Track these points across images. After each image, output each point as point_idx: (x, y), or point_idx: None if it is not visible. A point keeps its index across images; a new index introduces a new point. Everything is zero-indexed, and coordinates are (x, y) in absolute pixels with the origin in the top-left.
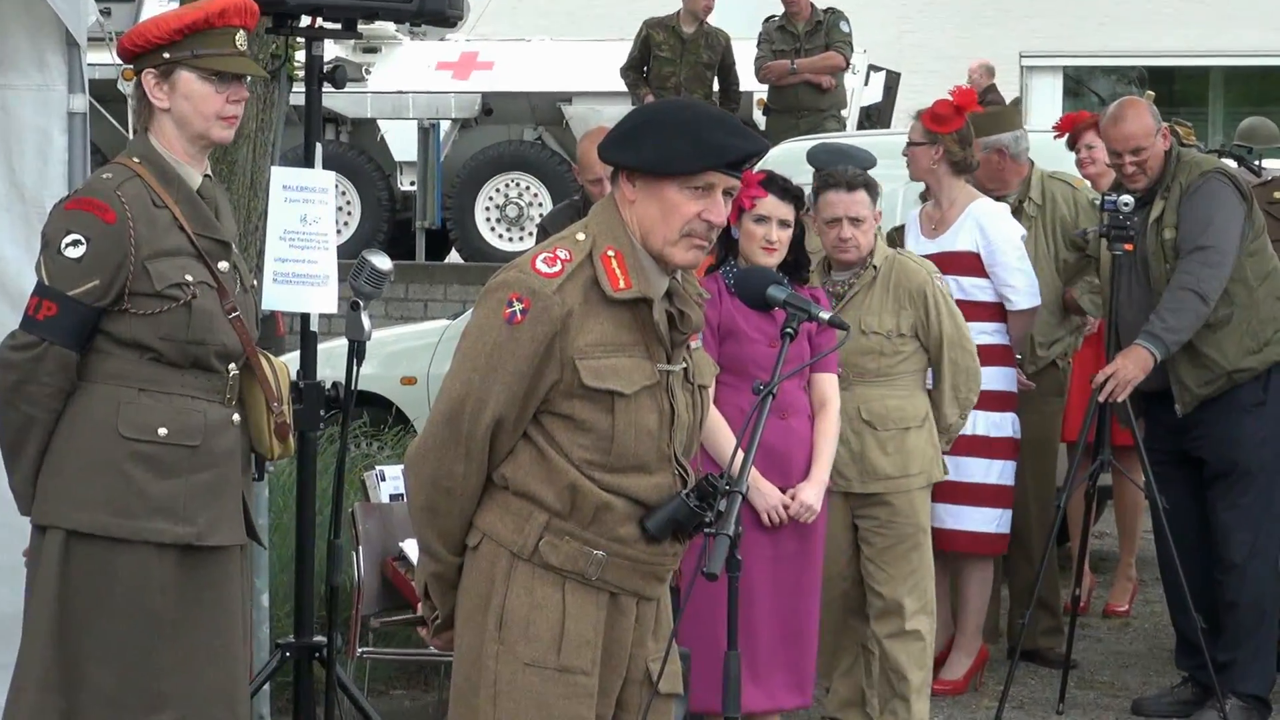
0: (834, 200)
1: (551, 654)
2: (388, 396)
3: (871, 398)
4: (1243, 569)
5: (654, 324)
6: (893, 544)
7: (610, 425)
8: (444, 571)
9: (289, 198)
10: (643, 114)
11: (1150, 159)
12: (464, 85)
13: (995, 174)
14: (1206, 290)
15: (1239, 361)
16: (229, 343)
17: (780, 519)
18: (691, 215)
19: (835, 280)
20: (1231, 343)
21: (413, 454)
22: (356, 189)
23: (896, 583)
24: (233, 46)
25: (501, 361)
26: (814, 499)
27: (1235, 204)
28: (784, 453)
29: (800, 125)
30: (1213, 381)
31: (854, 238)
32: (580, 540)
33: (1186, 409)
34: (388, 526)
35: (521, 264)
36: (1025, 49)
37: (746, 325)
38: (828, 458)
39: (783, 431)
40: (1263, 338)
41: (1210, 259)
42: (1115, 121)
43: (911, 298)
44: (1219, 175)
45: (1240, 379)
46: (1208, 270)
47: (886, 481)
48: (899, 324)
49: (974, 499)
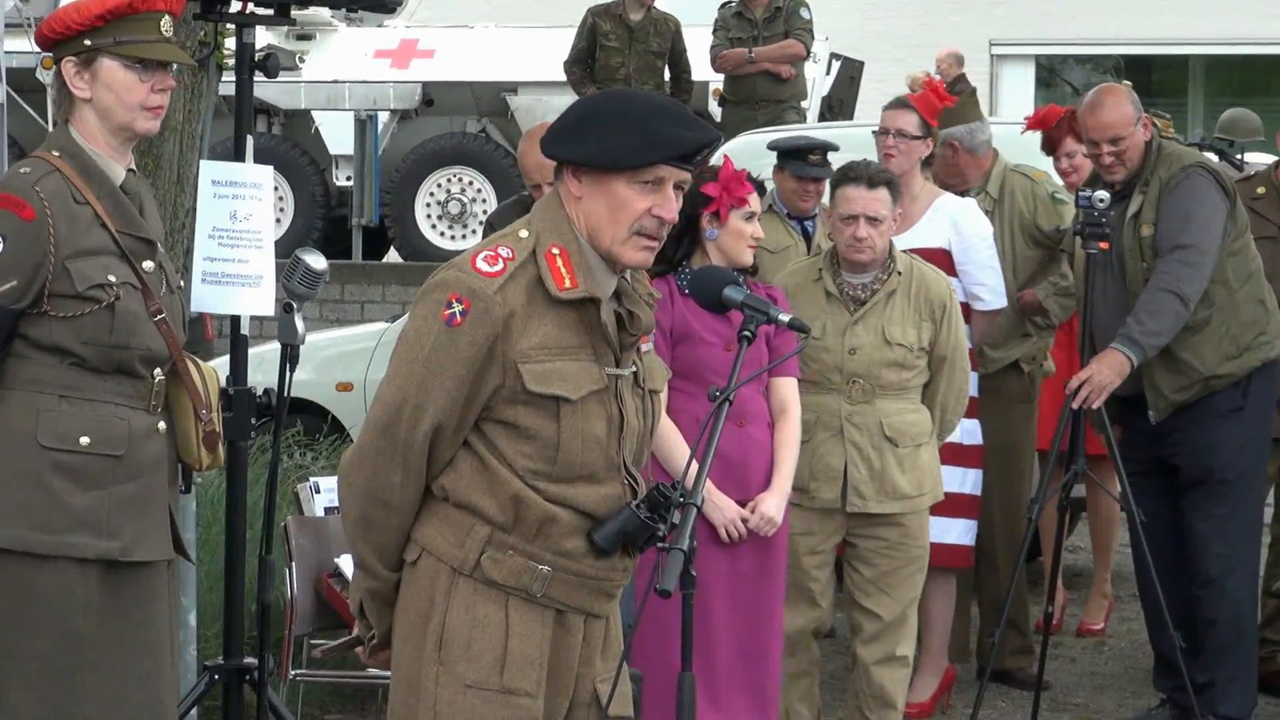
0: (852, 196)
1: (494, 675)
2: (323, 404)
3: (891, 412)
4: (1220, 584)
5: (601, 325)
6: (900, 566)
7: (556, 433)
8: (380, 588)
9: (218, 193)
10: (588, 105)
11: (1129, 149)
12: (403, 74)
13: (950, 168)
14: (1186, 292)
15: (1217, 367)
16: (154, 347)
17: (739, 534)
18: (641, 211)
19: (853, 283)
20: (1209, 347)
21: (346, 464)
22: (290, 184)
23: (897, 607)
24: (158, 33)
25: (440, 366)
26: (775, 511)
27: (1217, 200)
28: (741, 462)
29: (758, 117)
30: (1188, 388)
31: (870, 238)
32: (524, 554)
33: (1160, 415)
34: (322, 541)
35: (461, 263)
36: (995, 36)
37: (701, 328)
38: (790, 467)
39: (740, 440)
40: (1242, 342)
41: (1190, 259)
42: (1092, 109)
43: (932, 311)
44: (1201, 170)
45: (1217, 385)
46: (1188, 271)
47: (904, 501)
48: (920, 337)
49: (948, 509)
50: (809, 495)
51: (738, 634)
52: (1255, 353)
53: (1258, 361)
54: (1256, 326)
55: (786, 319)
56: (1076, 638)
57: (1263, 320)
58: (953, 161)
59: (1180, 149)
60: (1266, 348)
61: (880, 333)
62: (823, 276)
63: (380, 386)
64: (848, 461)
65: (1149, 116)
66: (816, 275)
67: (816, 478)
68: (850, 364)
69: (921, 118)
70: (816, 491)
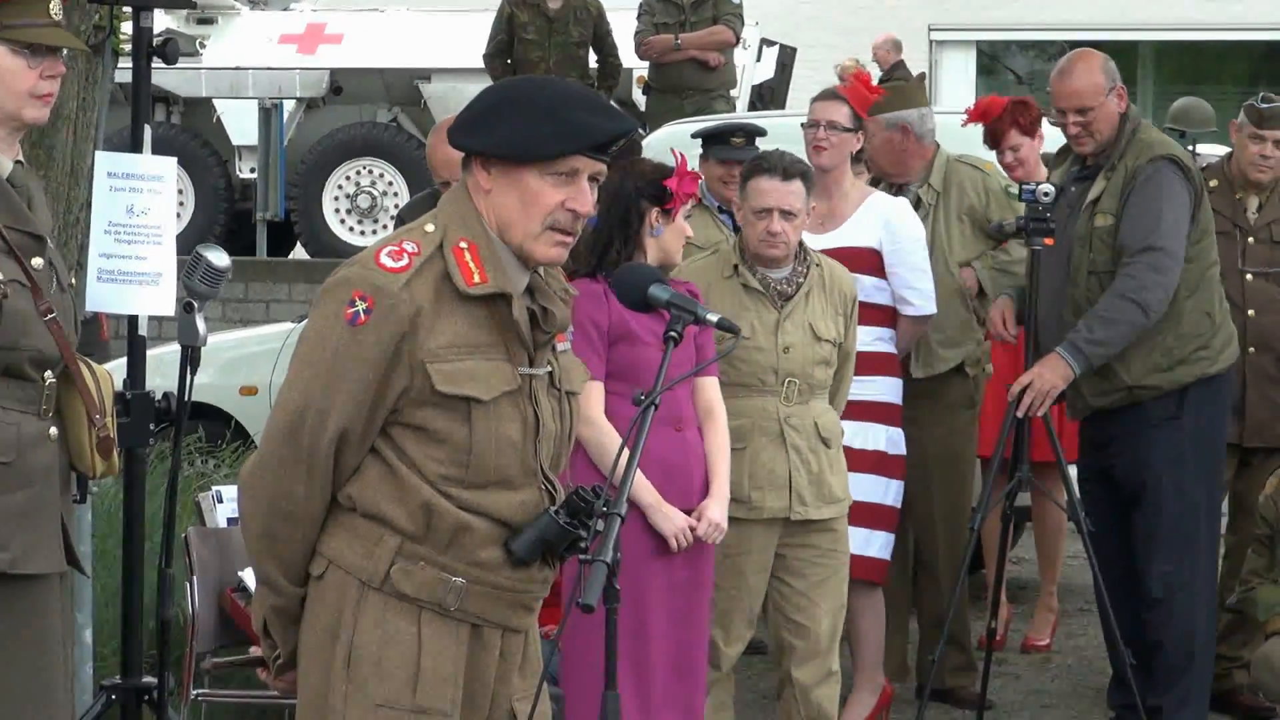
0: (766, 188)
1: (406, 693)
2: (225, 409)
3: (821, 412)
4: (1167, 605)
5: (514, 322)
6: (830, 575)
7: (468, 436)
8: (285, 604)
9: (115, 186)
10: (497, 93)
11: (1098, 121)
12: (310, 61)
13: (896, 156)
14: (1150, 301)
15: (1142, 378)
16: (44, 348)
17: (687, 542)
18: (554, 205)
19: (775, 278)
20: (1138, 355)
21: (247, 474)
22: (190, 176)
23: (827, 618)
24: (47, 16)
25: (344, 368)
26: (720, 517)
27: (1186, 198)
28: (682, 468)
29: (685, 106)
30: (1109, 394)
31: (784, 232)
32: (437, 566)
33: (1077, 415)
34: (225, 554)
35: (364, 259)
36: (934, 21)
37: (639, 328)
38: (726, 469)
39: (679, 445)
40: (1177, 355)
41: (1160, 263)
42: (1061, 75)
43: (845, 305)
44: (1172, 163)
45: (1143, 395)
46: (1154, 278)
47: (838, 505)
48: (839, 332)
49: (870, 521)
50: (751, 506)
51: (672, 646)
52: (1190, 367)
53: (1190, 377)
54: (1198, 340)
55: (715, 319)
56: (1021, 654)
57: (1206, 334)
58: (900, 147)
59: (1155, 136)
60: (1204, 363)
61: (809, 329)
62: (739, 272)
63: (281, 391)
64: (791, 467)
65: (1124, 86)
66: (730, 271)
67: (760, 486)
68: (785, 363)
69: (853, 109)
70: (761, 501)
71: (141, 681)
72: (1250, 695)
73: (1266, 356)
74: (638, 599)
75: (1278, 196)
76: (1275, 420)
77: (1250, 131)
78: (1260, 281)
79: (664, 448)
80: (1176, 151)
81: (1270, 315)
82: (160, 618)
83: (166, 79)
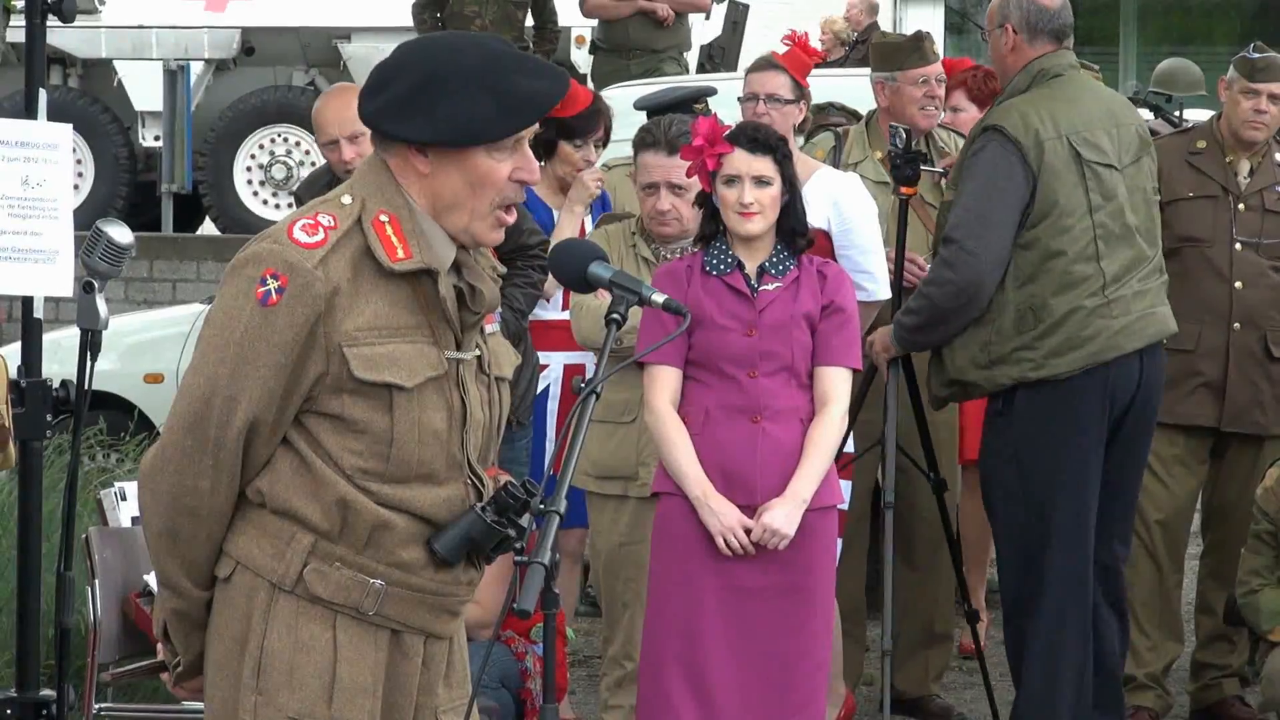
0: (651, 163)
1: (321, 705)
2: (129, 397)
3: None
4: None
5: (440, 301)
6: None
7: (388, 426)
8: (188, 608)
9: (7, 156)
10: (416, 66)
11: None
12: (219, 19)
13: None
14: (937, 297)
15: (964, 373)
16: None
17: (739, 545)
18: (504, 179)
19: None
20: (964, 347)
21: (148, 466)
22: (89, 144)
23: None
24: None
25: (255, 352)
26: (781, 522)
27: (1013, 182)
28: (747, 463)
29: (631, 67)
30: (944, 386)
31: (674, 209)
32: (354, 567)
33: (935, 406)
34: (129, 555)
35: (275, 234)
36: None
37: (717, 311)
38: (811, 471)
39: (748, 437)
40: (995, 353)
41: (953, 258)
42: None
43: None
44: (1000, 134)
45: (973, 391)
46: (944, 273)
47: None
48: None
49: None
50: (638, 483)
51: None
52: (1007, 368)
53: (1008, 380)
54: (1018, 340)
55: (661, 299)
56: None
57: (1029, 333)
58: None
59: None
60: (1024, 365)
61: None
62: (636, 243)
63: (185, 377)
64: None
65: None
66: (632, 242)
67: (646, 463)
68: None
69: (793, 79)
70: (647, 478)
71: (39, 695)
72: (1238, 704)
73: (1252, 334)
74: (692, 598)
75: (1270, 161)
76: (1254, 405)
77: (1242, 86)
78: (1250, 253)
79: (727, 440)
80: (1007, 119)
81: (1258, 289)
82: (59, 625)
83: (63, 38)
